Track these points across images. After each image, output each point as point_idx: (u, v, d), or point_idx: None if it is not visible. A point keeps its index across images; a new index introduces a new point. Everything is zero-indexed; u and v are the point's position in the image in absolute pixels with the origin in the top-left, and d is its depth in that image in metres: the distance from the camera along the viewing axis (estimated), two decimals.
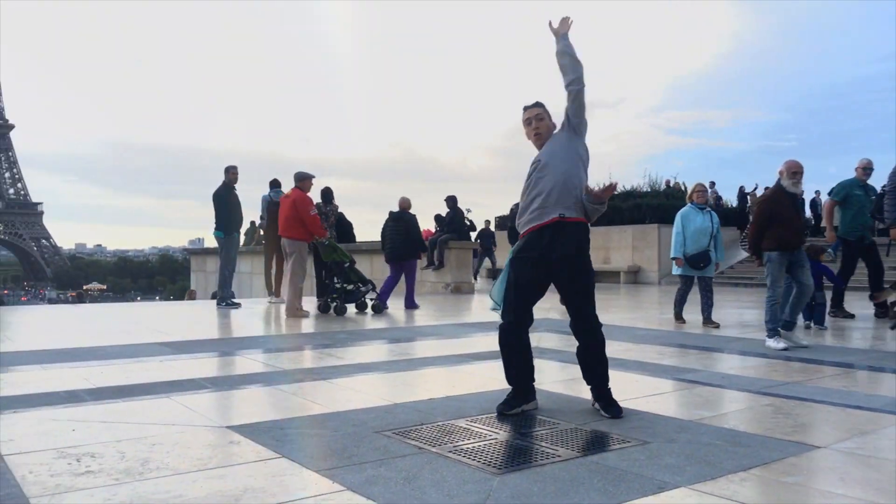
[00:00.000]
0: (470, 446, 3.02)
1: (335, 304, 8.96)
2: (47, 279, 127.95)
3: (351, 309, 9.23)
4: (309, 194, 8.90)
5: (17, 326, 7.78)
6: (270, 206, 10.84)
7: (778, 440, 3.13)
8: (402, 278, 10.00)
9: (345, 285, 9.07)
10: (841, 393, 4.15)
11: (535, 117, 3.77)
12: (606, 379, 3.65)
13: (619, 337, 6.52)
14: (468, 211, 13.53)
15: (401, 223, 9.90)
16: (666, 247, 17.42)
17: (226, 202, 9.98)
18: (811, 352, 5.76)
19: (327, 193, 11.84)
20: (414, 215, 10.23)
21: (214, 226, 10.05)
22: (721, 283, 12.60)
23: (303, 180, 8.82)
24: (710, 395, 4.15)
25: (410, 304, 9.86)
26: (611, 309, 10.06)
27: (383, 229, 10.16)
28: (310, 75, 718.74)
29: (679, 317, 7.90)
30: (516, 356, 3.66)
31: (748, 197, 20.96)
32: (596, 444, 3.09)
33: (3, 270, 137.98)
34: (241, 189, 10.22)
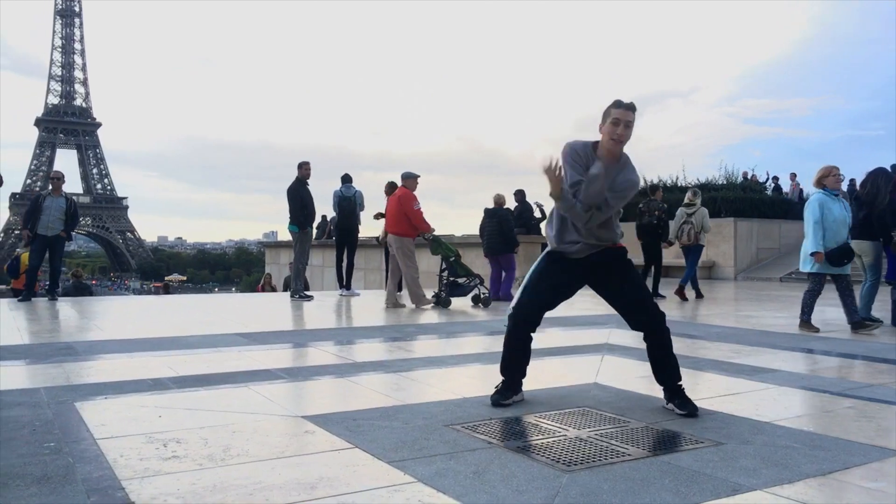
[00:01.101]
0: (539, 442, 3.03)
1: (441, 296, 9.14)
2: (132, 270, 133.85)
3: (459, 302, 9.37)
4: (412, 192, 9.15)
5: (105, 316, 8.21)
6: (342, 201, 11.06)
7: (860, 444, 3.02)
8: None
9: (452, 279, 9.23)
10: None
11: (626, 123, 3.43)
12: (678, 375, 3.61)
13: (694, 334, 6.39)
14: (537, 204, 13.44)
15: (495, 219, 10.20)
16: (742, 241, 16.97)
17: (299, 197, 10.25)
18: None
19: (394, 187, 12.00)
20: (508, 210, 10.53)
21: (289, 220, 10.34)
22: (802, 280, 12.12)
23: (408, 179, 9.17)
24: (789, 396, 4.03)
25: (508, 296, 9.96)
26: (684, 305, 9.85)
27: (481, 225, 10.46)
28: (378, 70, 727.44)
29: (809, 324, 6.81)
30: (524, 349, 3.77)
31: None
32: (668, 443, 3.05)
33: (91, 262, 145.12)
34: (313, 184, 10.48)
